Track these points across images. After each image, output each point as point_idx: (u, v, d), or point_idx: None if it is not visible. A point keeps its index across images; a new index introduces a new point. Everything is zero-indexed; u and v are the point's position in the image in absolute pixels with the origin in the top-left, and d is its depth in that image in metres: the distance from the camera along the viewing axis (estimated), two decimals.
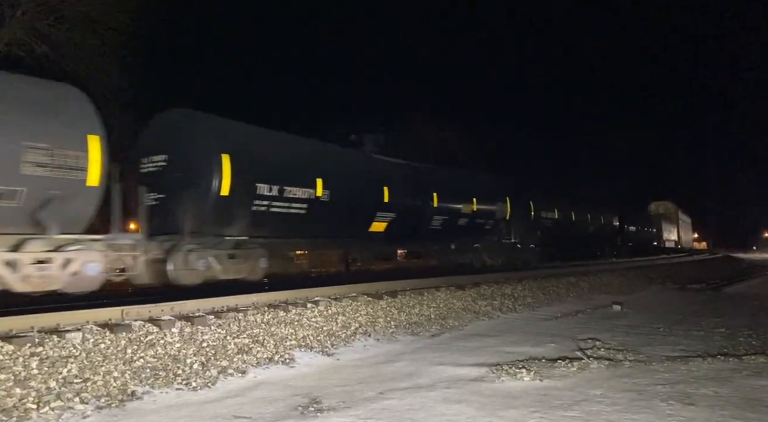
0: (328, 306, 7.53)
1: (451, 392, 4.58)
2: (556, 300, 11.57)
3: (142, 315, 6.10)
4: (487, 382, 4.89)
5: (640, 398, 4.33)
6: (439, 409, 4.12)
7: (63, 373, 4.39)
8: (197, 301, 6.86)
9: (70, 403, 4.04)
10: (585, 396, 4.41)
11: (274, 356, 5.64)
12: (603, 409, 4.06)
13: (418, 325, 7.77)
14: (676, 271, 22.15)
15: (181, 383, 4.70)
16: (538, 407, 4.12)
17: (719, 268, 27.92)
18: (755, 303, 12.17)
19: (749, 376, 5.01)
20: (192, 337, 5.62)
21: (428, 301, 9.00)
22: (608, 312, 10.10)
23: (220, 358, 5.28)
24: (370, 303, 8.14)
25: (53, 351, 4.73)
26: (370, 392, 4.63)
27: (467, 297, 9.86)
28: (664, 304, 12.01)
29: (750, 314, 9.87)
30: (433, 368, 5.48)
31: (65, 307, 6.24)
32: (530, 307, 10.39)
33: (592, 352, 6.14)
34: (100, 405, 4.11)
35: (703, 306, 11.48)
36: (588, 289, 13.67)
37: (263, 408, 4.22)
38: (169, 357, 5.08)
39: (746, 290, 16.18)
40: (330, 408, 4.18)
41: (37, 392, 4.07)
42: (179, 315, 6.27)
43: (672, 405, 4.12)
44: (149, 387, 4.54)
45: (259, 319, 6.53)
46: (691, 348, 6.51)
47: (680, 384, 4.75)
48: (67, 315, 5.69)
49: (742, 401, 4.23)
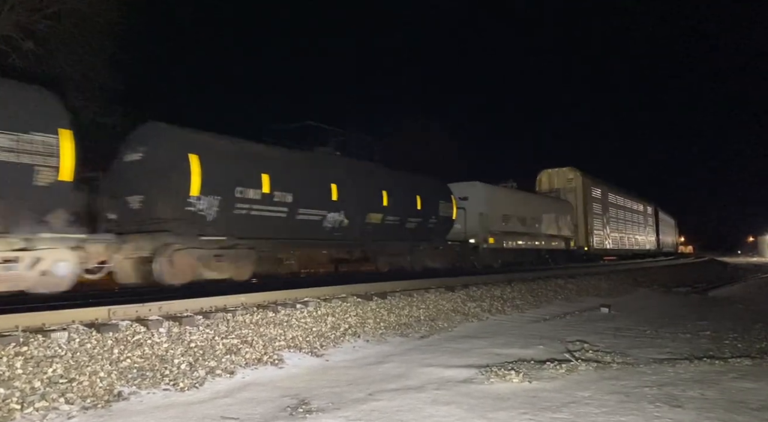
0: (317, 307, 7.50)
1: (440, 393, 4.58)
2: (544, 302, 11.62)
3: (129, 315, 6.03)
4: (476, 384, 4.89)
5: (627, 400, 4.36)
6: (428, 411, 4.11)
7: (48, 373, 4.33)
8: (185, 301, 6.80)
9: (55, 403, 3.98)
10: (573, 397, 4.43)
11: (263, 357, 5.61)
12: (591, 411, 4.08)
13: (407, 326, 7.76)
14: (663, 274, 22.35)
15: (168, 383, 4.66)
16: (527, 408, 4.13)
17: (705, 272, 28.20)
18: (740, 306, 12.31)
19: (735, 379, 5.06)
20: (180, 337, 5.57)
21: (418, 302, 9.00)
22: (596, 315, 10.16)
23: (208, 359, 5.23)
24: (360, 304, 8.12)
25: (38, 351, 4.66)
26: (359, 393, 4.61)
27: (457, 299, 9.87)
28: (651, 307, 12.12)
29: (736, 318, 9.97)
30: (423, 369, 5.47)
31: (51, 306, 6.15)
32: (519, 309, 10.42)
33: (581, 354, 6.17)
34: (86, 406, 4.06)
35: (690, 309, 11.59)
36: (576, 292, 13.74)
37: (251, 409, 4.19)
38: (157, 358, 5.03)
39: (732, 294, 16.37)
40: (319, 409, 4.16)
41: (21, 392, 4.01)
42: (167, 315, 6.21)
43: (659, 407, 4.15)
44: (136, 388, 4.49)
45: (248, 319, 6.49)
46: (678, 351, 6.56)
47: (667, 386, 4.78)
48: (53, 315, 5.61)
49: (728, 403, 4.26)
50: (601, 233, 29.22)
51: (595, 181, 29.09)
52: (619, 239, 32.57)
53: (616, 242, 31.90)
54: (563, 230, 25.51)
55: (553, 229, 24.56)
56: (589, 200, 27.94)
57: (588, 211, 27.66)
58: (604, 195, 30.56)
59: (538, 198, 25.69)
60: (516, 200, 22.71)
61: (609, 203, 30.99)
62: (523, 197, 23.76)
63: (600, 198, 29.88)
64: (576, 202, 26.93)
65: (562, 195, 26.98)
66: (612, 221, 31.36)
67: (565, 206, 26.43)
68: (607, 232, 30.37)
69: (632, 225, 35.89)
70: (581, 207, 27.10)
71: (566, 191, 27.07)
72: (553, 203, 25.71)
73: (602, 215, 29.71)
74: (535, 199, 24.99)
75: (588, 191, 27.80)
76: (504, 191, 22.64)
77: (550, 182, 27.42)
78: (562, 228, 25.44)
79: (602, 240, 29.46)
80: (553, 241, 24.71)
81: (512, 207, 21.84)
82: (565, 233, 25.74)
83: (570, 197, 26.98)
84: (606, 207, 30.36)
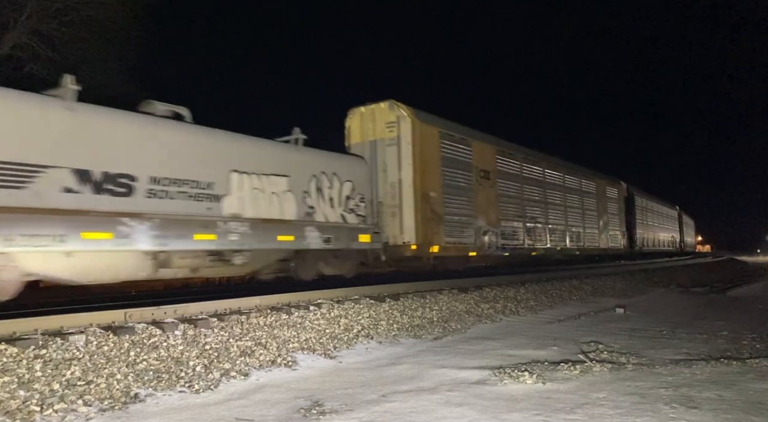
0: (330, 309, 7.53)
1: (453, 395, 4.58)
2: (559, 303, 11.55)
3: (145, 318, 6.11)
4: (490, 385, 4.88)
5: (643, 401, 4.32)
6: (441, 412, 4.12)
7: (66, 375, 4.41)
8: (200, 304, 6.87)
9: (74, 405, 4.05)
10: (587, 399, 4.40)
11: (277, 358, 5.65)
12: (605, 412, 4.05)
13: (420, 328, 7.77)
14: (680, 274, 22.08)
15: (183, 385, 4.71)
16: (541, 410, 4.12)
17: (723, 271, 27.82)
18: (759, 306, 12.12)
19: (753, 379, 4.99)
20: (195, 340, 5.63)
21: (431, 304, 9.00)
22: (611, 315, 10.08)
23: (222, 361, 5.29)
24: (373, 306, 8.14)
25: (57, 354, 4.74)
26: (372, 395, 4.63)
27: (470, 300, 9.85)
28: (668, 307, 11.98)
29: (754, 318, 9.83)
30: (436, 371, 5.47)
31: (69, 310, 6.26)
32: (533, 310, 10.37)
33: (595, 355, 6.13)
34: (103, 408, 4.12)
35: (707, 309, 11.45)
36: (591, 292, 13.64)
37: (266, 411, 4.22)
38: (172, 360, 5.10)
39: (750, 293, 16.13)
40: (332, 411, 4.18)
41: (40, 394, 4.09)
42: (182, 318, 6.28)
43: (675, 409, 4.11)
44: (152, 390, 4.55)
45: (262, 322, 6.54)
46: (694, 351, 6.49)
47: (683, 387, 4.73)
48: (71, 318, 5.71)
49: (745, 404, 4.21)
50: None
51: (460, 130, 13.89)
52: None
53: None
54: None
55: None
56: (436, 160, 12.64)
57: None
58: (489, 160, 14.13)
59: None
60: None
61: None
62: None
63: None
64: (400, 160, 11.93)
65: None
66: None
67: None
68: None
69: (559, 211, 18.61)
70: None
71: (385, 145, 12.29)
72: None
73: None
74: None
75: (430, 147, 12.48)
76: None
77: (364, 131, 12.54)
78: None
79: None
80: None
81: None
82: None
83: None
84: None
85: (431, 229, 12.04)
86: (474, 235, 13.49)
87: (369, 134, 12.38)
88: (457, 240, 12.92)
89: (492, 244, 14.21)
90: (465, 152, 13.62)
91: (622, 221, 24.95)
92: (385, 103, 12.19)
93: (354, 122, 12.65)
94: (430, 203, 12.13)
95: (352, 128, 12.70)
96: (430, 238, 11.95)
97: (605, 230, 22.63)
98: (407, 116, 11.97)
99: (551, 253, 17.73)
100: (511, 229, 15.41)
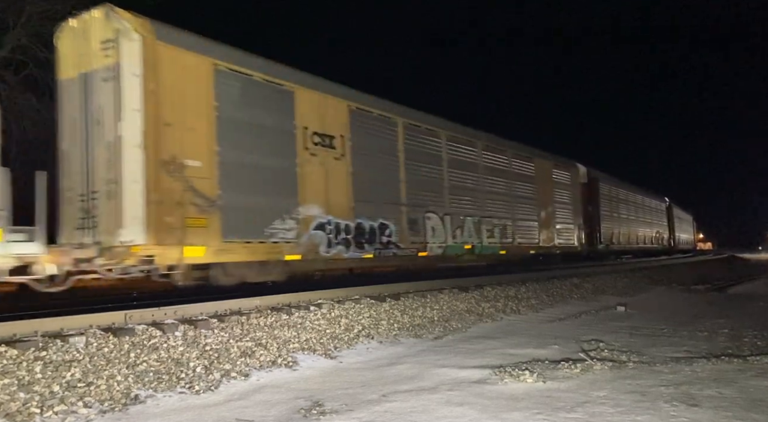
0: (330, 309, 7.53)
1: (453, 394, 4.58)
2: (560, 302, 11.54)
3: (145, 319, 6.11)
4: (490, 384, 4.88)
5: (643, 399, 4.31)
6: (441, 412, 4.11)
7: (66, 377, 4.41)
8: (200, 304, 6.87)
9: (74, 407, 4.05)
10: (588, 397, 4.40)
11: (277, 359, 5.65)
12: (606, 410, 4.05)
13: (421, 327, 7.76)
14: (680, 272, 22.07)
15: (184, 386, 4.71)
16: (542, 409, 4.11)
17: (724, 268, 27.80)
18: (760, 304, 12.10)
19: (754, 377, 4.99)
20: (195, 340, 5.63)
21: (431, 303, 9.00)
22: (612, 314, 10.07)
23: (223, 361, 5.29)
24: (373, 306, 8.14)
25: (57, 355, 4.74)
26: (372, 395, 4.62)
27: (470, 299, 9.84)
28: (669, 305, 11.97)
29: (755, 315, 9.82)
30: (436, 370, 5.47)
31: (69, 311, 6.26)
32: (534, 309, 10.36)
33: (596, 354, 6.12)
34: (104, 409, 4.12)
35: (708, 307, 11.44)
36: (592, 290, 13.63)
37: (266, 411, 4.22)
38: (172, 361, 5.09)
39: (751, 291, 16.11)
40: (333, 411, 4.18)
41: (40, 396, 4.09)
42: (182, 319, 6.28)
43: (676, 407, 4.11)
44: (152, 391, 4.55)
45: (262, 322, 6.54)
46: (695, 349, 6.48)
47: (684, 385, 4.72)
48: (71, 319, 5.71)
49: (746, 402, 4.20)
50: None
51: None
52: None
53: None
54: None
55: None
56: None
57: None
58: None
59: None
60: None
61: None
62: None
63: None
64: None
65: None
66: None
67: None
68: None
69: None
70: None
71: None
72: None
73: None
74: None
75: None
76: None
77: (78, 58, 7.40)
78: None
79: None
80: None
81: None
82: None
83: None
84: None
85: (182, 220, 6.89)
86: (296, 229, 8.47)
87: (83, 62, 7.34)
88: (254, 238, 7.85)
89: (336, 242, 9.23)
90: (278, 104, 8.54)
91: (578, 212, 19.32)
92: (101, 9, 7.18)
93: (65, 44, 7.66)
94: (186, 178, 6.98)
95: (64, 54, 7.64)
96: (181, 235, 6.87)
97: (550, 223, 16.98)
98: (133, 29, 6.91)
99: (456, 252, 12.33)
100: (379, 221, 10.24)
